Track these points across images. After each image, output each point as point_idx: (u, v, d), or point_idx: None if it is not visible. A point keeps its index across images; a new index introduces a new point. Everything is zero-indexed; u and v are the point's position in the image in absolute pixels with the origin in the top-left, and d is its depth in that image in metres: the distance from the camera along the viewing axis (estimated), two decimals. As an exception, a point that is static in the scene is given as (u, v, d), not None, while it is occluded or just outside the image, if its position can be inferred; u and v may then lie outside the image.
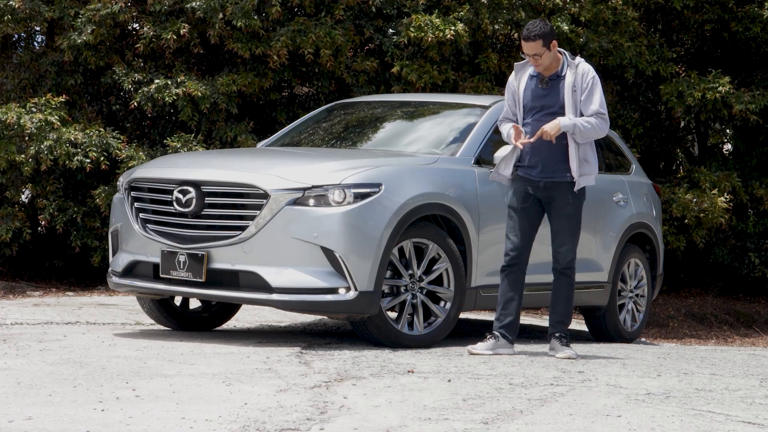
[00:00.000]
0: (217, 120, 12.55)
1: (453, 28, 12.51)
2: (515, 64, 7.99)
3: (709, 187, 14.16)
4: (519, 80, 7.87)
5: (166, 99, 12.14)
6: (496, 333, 7.84)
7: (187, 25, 12.37)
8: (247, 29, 12.39)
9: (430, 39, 12.45)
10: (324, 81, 13.04)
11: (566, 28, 13.13)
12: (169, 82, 12.26)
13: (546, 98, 7.75)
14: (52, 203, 12.28)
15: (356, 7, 13.08)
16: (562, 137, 7.71)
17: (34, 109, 12.07)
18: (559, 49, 7.82)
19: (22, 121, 11.83)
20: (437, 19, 12.56)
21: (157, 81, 12.25)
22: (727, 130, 16.67)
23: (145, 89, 12.33)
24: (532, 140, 7.68)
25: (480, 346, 7.78)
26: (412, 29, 12.52)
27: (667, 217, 14.20)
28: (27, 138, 11.97)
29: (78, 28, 12.43)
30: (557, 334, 7.87)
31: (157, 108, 12.50)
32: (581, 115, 7.72)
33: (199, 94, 12.13)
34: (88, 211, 12.39)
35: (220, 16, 12.33)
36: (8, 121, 11.80)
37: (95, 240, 12.33)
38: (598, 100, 7.72)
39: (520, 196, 7.83)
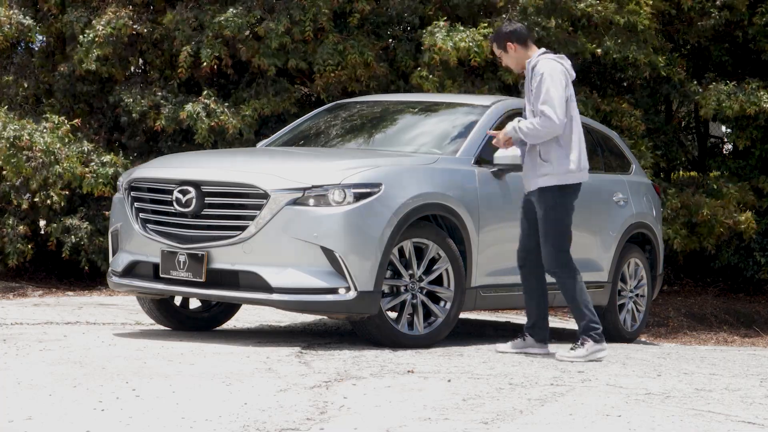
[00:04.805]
0: (233, 142, 12.58)
1: (476, 49, 12.42)
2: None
3: (735, 205, 14.27)
4: None
5: (202, 131, 12.23)
6: (525, 333, 7.90)
7: (223, 46, 12.46)
8: (277, 48, 12.53)
9: (453, 60, 12.44)
10: (335, 93, 13.06)
11: (585, 40, 13.11)
12: (200, 109, 12.31)
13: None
14: (59, 225, 12.27)
15: (372, 15, 13.10)
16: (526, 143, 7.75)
17: (46, 127, 12.13)
18: (544, 50, 7.81)
19: (34, 141, 11.90)
20: (462, 38, 12.46)
21: (188, 108, 12.30)
22: (729, 130, 16.64)
23: (171, 108, 12.38)
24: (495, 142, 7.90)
25: (506, 345, 7.91)
26: (436, 53, 12.46)
27: (685, 221, 14.22)
28: (37, 150, 12.00)
29: (84, 45, 12.49)
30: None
31: (174, 125, 12.56)
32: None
33: (233, 129, 12.24)
34: (94, 230, 12.37)
35: (247, 32, 12.43)
36: (24, 140, 11.86)
37: (104, 261, 12.28)
38: (541, 98, 7.61)
39: (522, 197, 7.93)
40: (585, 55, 13.13)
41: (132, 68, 13.52)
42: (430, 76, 12.58)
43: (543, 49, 7.87)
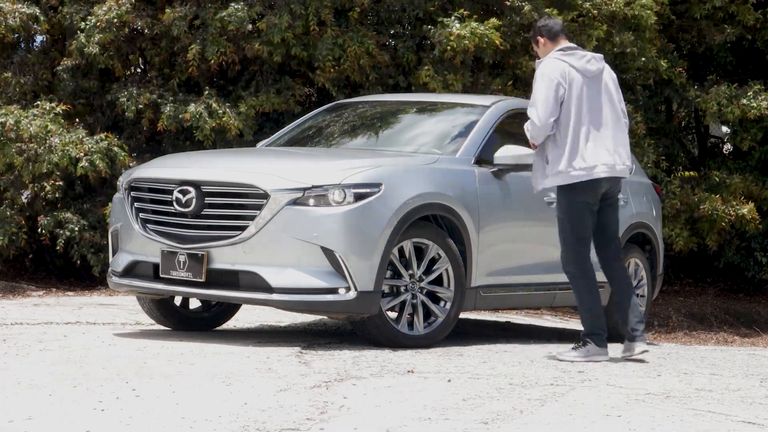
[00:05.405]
0: (233, 143, 12.59)
1: (486, 39, 12.42)
2: None
3: (743, 199, 14.23)
4: None
5: (205, 130, 12.24)
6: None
7: (228, 43, 12.46)
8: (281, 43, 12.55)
9: (471, 51, 12.41)
10: (339, 84, 13.05)
11: (599, 24, 13.08)
12: (202, 109, 12.32)
13: None
14: (52, 219, 12.24)
15: (372, 12, 13.09)
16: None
17: (35, 113, 12.08)
18: (565, 46, 7.77)
19: (21, 125, 11.83)
20: (476, 26, 12.44)
21: (191, 108, 12.30)
22: (730, 130, 16.63)
23: (171, 108, 12.38)
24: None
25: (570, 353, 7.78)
26: (453, 41, 12.43)
27: (687, 217, 14.20)
28: (27, 139, 11.95)
29: (86, 32, 12.48)
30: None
31: (177, 124, 12.56)
32: None
33: (235, 130, 12.26)
34: (88, 225, 12.36)
35: (250, 27, 12.42)
36: (7, 125, 11.81)
37: (93, 256, 12.26)
38: (531, 100, 7.69)
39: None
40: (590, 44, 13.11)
41: (132, 67, 13.49)
42: (435, 75, 12.57)
43: (566, 45, 7.80)
